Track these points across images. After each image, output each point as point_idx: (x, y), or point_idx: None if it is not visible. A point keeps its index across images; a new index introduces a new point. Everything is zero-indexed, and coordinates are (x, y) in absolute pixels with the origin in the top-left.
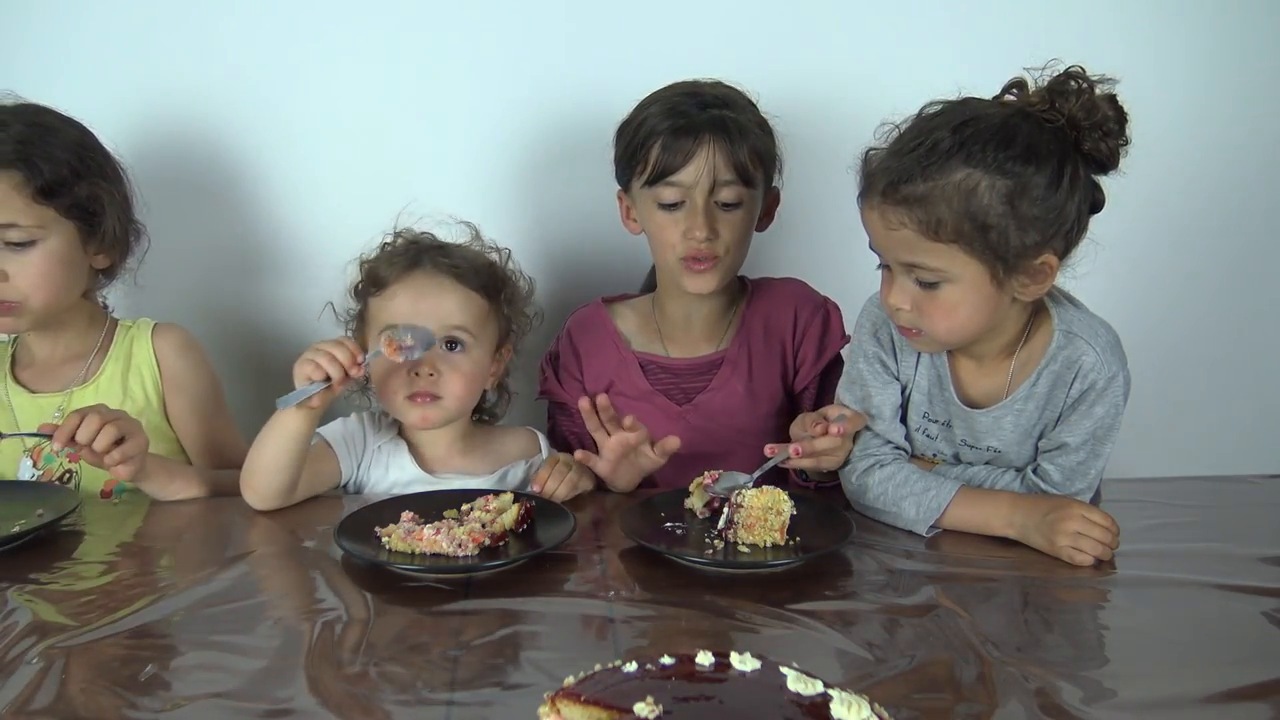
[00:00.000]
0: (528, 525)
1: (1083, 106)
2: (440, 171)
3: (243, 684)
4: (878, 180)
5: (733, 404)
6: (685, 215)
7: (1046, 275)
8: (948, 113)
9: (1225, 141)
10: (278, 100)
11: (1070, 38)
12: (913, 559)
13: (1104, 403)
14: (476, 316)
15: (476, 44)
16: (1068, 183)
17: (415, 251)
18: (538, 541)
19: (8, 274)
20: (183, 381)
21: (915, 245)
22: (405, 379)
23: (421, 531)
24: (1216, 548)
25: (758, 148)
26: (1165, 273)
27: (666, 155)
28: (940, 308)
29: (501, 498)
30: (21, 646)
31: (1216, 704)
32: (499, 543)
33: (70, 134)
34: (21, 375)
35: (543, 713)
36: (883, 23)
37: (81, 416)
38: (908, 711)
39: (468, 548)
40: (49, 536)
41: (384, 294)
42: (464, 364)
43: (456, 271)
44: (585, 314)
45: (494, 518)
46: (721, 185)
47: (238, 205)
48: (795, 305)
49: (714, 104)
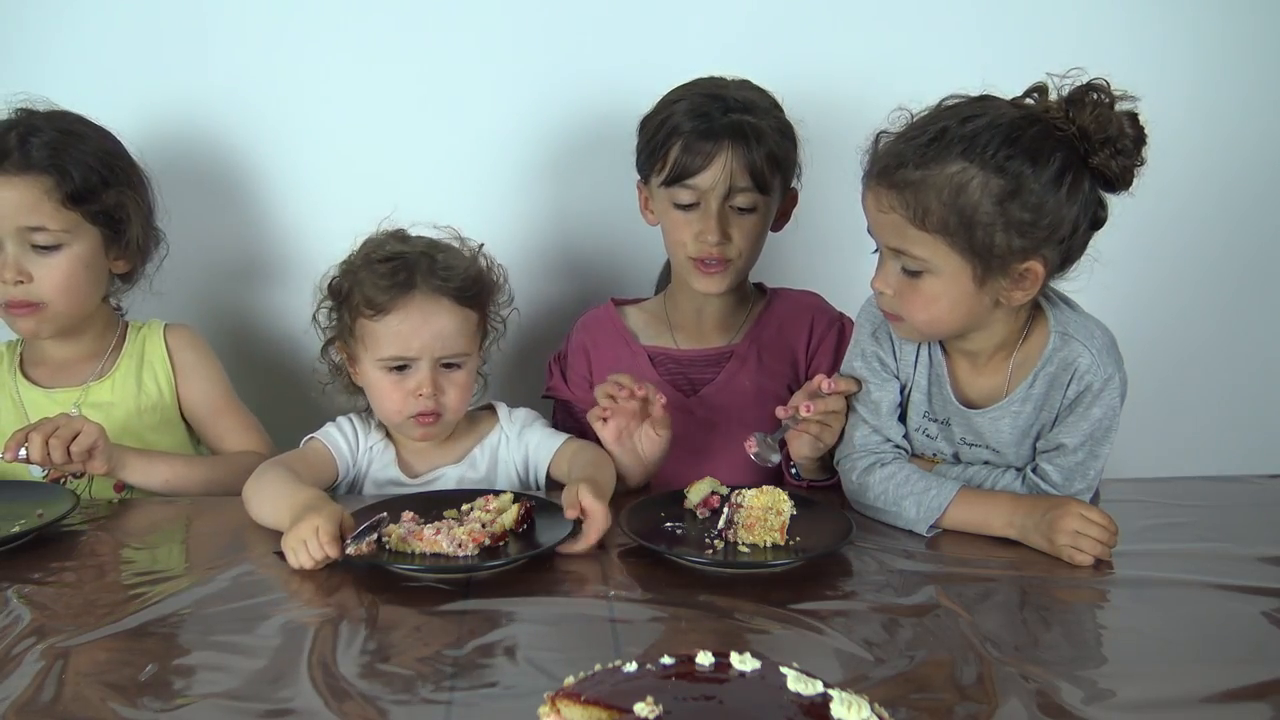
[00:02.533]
0: (527, 525)
1: (1096, 120)
2: (448, 174)
3: (243, 684)
4: (878, 161)
5: (739, 399)
6: (699, 217)
7: (1031, 283)
8: (961, 106)
9: (1227, 141)
10: (283, 103)
11: (1076, 44)
12: (913, 559)
13: (1100, 404)
14: (470, 332)
15: (488, 44)
16: (1065, 194)
17: (408, 270)
18: (537, 541)
19: (33, 276)
20: (195, 374)
21: (902, 231)
22: (406, 399)
23: (422, 531)
24: (1216, 548)
25: (775, 154)
26: (1165, 272)
27: (685, 157)
28: (920, 297)
29: (501, 498)
30: (21, 646)
31: (1216, 704)
32: (498, 543)
33: (100, 142)
34: (34, 373)
35: (543, 713)
36: (906, 25)
37: (25, 437)
38: (907, 711)
39: (467, 548)
40: (49, 536)
41: (380, 320)
42: (460, 378)
43: (451, 291)
44: (595, 314)
45: (494, 518)
46: (737, 191)
47: (244, 209)
48: (811, 316)
49: (736, 108)
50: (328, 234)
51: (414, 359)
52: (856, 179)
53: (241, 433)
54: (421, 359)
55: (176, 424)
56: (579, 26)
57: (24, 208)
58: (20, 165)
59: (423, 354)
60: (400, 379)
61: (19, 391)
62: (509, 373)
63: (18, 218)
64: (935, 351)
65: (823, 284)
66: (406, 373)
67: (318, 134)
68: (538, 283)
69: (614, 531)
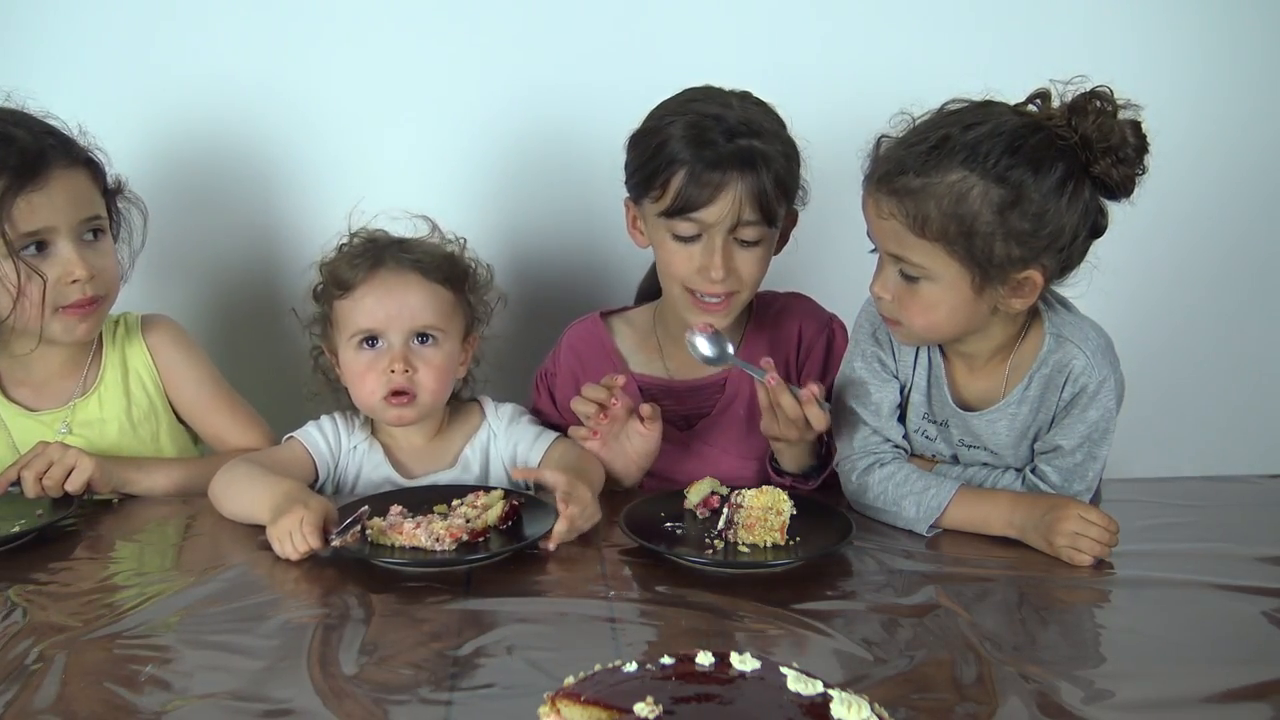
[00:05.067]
0: (513, 522)
1: (1098, 128)
2: (443, 177)
3: (243, 684)
4: (879, 166)
5: (736, 429)
6: (701, 251)
7: (1030, 291)
8: (963, 112)
9: (1228, 143)
10: (271, 106)
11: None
12: (912, 559)
13: (1096, 407)
14: (443, 309)
15: (478, 47)
16: (1066, 203)
17: (376, 250)
18: (523, 536)
19: (94, 268)
20: (181, 374)
21: (902, 238)
22: (379, 378)
23: (402, 525)
24: (1216, 548)
25: (783, 181)
26: (1165, 273)
27: (690, 190)
28: (919, 303)
29: (490, 494)
30: (22, 646)
31: (1216, 704)
32: (478, 539)
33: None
34: (17, 394)
35: (543, 713)
36: (906, 29)
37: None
38: (907, 711)
39: (445, 543)
40: (49, 536)
41: (350, 296)
42: (436, 357)
43: (419, 266)
44: (583, 330)
45: (479, 513)
46: (744, 224)
47: (238, 206)
48: (800, 322)
49: (742, 132)
50: (318, 234)
51: (382, 331)
52: (855, 185)
53: (240, 428)
54: (390, 331)
55: (175, 428)
56: (570, 31)
57: (86, 200)
58: (67, 162)
59: (390, 325)
60: (373, 357)
61: (3, 417)
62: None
63: (81, 209)
64: (934, 353)
65: (819, 288)
66: (379, 349)
67: (305, 135)
68: (520, 287)
69: (614, 531)
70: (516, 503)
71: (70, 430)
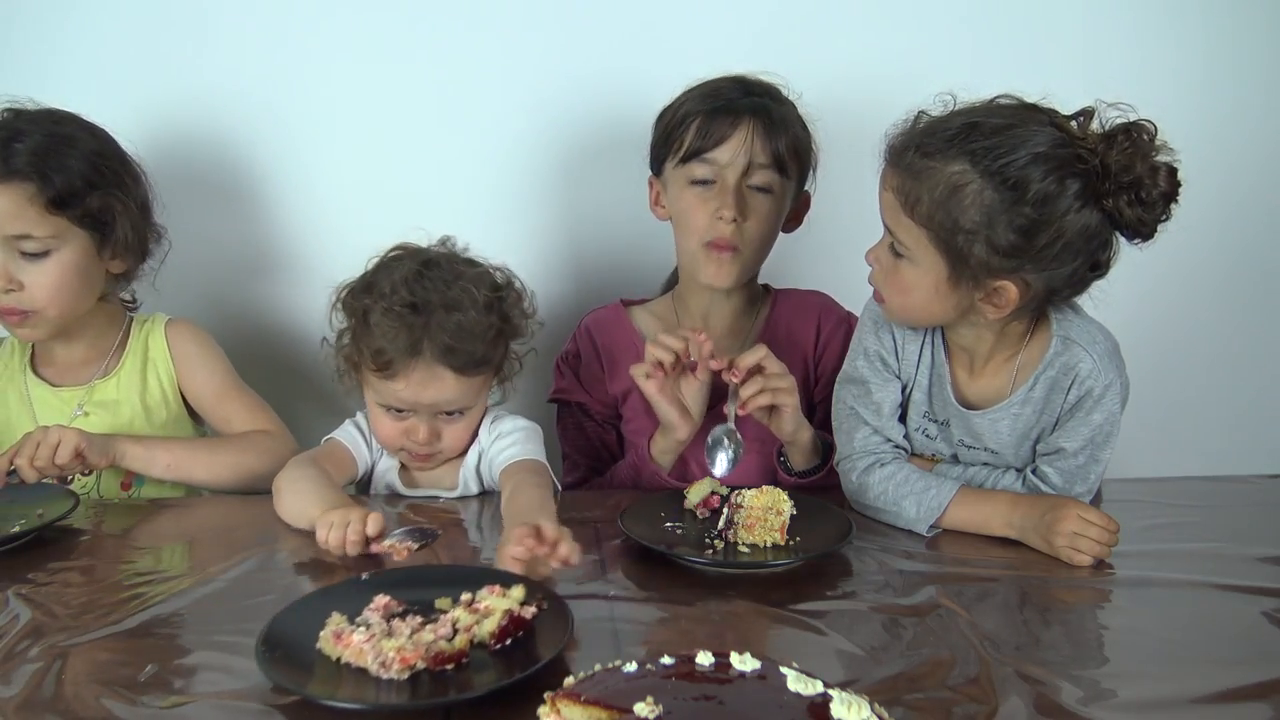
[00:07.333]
0: (515, 639)
1: (1122, 160)
2: (454, 173)
3: (244, 684)
4: (900, 139)
5: (752, 417)
6: (715, 194)
7: (1003, 302)
8: (1003, 109)
9: (1231, 143)
10: (291, 102)
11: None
12: (912, 559)
13: (1101, 410)
14: (475, 389)
15: (495, 44)
16: (1063, 225)
17: (415, 331)
18: (524, 661)
19: (24, 284)
20: (195, 365)
21: (895, 212)
22: (403, 438)
23: (351, 636)
24: (1216, 548)
25: (796, 142)
26: (1166, 272)
27: (706, 127)
28: (899, 281)
29: (511, 593)
30: (21, 646)
31: (1216, 704)
32: (446, 665)
33: (87, 143)
34: (43, 371)
35: (543, 713)
36: (924, 26)
37: (10, 464)
38: (907, 711)
39: (392, 669)
40: (49, 536)
41: (382, 375)
42: (459, 426)
43: (454, 361)
44: (604, 314)
45: (475, 621)
46: (756, 169)
47: (251, 205)
48: (819, 316)
49: (758, 92)
50: (336, 231)
51: (410, 410)
52: (867, 181)
53: (247, 415)
54: (419, 414)
55: (184, 421)
56: (591, 27)
57: (8, 215)
58: (2, 173)
59: (419, 408)
60: (399, 418)
61: (28, 389)
62: None
63: (3, 226)
64: (938, 352)
65: (832, 286)
66: (405, 416)
67: (325, 133)
68: (544, 284)
69: (614, 531)
70: (529, 615)
71: (85, 410)
